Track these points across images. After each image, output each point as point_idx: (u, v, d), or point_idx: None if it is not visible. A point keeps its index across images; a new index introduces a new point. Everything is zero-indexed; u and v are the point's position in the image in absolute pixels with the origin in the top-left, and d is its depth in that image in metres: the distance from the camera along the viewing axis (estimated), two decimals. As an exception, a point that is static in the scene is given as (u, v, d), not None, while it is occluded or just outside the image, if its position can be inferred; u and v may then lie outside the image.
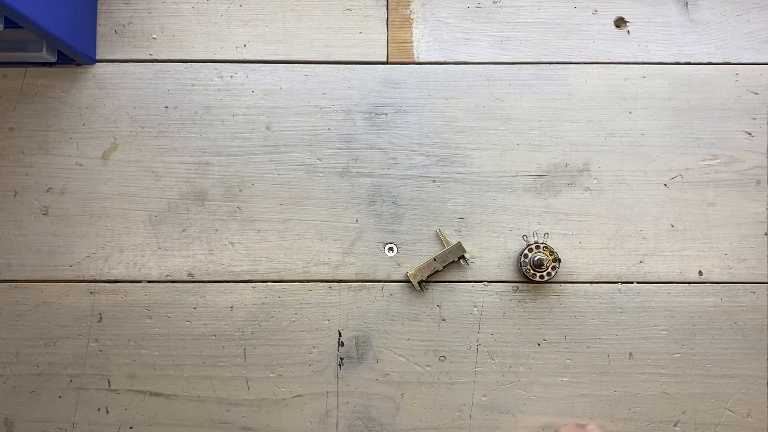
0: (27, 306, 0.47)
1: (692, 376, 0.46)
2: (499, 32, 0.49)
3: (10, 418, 0.46)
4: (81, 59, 0.47)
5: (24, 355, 0.47)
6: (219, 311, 0.47)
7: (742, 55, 0.48)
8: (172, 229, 0.47)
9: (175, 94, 0.48)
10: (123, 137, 0.48)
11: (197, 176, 0.48)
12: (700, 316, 0.47)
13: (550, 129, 0.48)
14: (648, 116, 0.48)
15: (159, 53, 0.48)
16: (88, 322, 0.47)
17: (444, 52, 0.48)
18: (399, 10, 0.49)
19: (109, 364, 0.47)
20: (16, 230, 0.47)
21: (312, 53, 0.48)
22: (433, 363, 0.46)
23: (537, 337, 0.47)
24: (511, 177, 0.48)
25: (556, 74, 0.48)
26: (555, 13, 0.49)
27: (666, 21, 0.49)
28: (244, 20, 0.49)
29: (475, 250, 0.47)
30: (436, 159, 0.48)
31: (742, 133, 0.48)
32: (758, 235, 0.47)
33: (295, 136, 0.48)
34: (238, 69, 0.48)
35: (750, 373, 0.46)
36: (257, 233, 0.47)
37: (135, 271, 0.47)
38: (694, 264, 0.47)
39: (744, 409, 0.46)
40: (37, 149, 0.48)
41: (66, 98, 0.48)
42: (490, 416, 0.46)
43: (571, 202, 0.47)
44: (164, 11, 0.49)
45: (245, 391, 0.46)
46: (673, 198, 0.47)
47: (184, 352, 0.47)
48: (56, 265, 0.47)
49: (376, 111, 0.48)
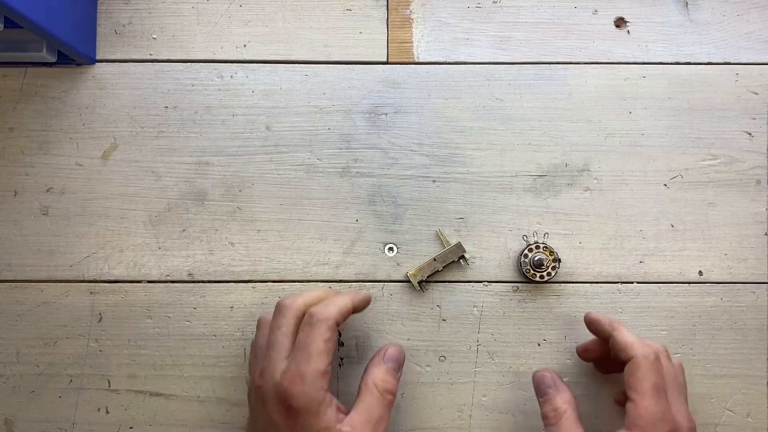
0: (27, 306, 0.47)
1: (692, 376, 0.46)
2: (499, 32, 0.49)
3: (10, 418, 0.46)
4: (81, 59, 0.47)
5: (24, 355, 0.47)
6: (219, 311, 0.47)
7: (742, 55, 0.48)
8: (172, 229, 0.47)
9: (175, 94, 0.48)
10: (123, 137, 0.48)
11: (197, 176, 0.48)
12: (700, 316, 0.47)
13: (550, 129, 0.48)
14: (648, 116, 0.48)
15: (159, 53, 0.48)
16: (88, 322, 0.47)
17: (444, 52, 0.48)
18: (399, 10, 0.49)
19: (109, 364, 0.47)
20: (16, 230, 0.47)
21: (312, 53, 0.48)
22: (433, 363, 0.46)
23: (537, 337, 0.47)
24: (511, 177, 0.48)
25: (556, 74, 0.48)
26: (555, 13, 0.49)
27: (666, 21, 0.49)
28: (244, 20, 0.49)
29: (475, 250, 0.47)
30: (436, 159, 0.48)
31: (742, 133, 0.48)
32: (758, 235, 0.47)
33: (295, 136, 0.48)
34: (238, 69, 0.48)
35: (750, 373, 0.46)
36: (257, 233, 0.47)
37: (135, 271, 0.47)
38: (694, 264, 0.47)
39: (744, 409, 0.46)
40: (37, 149, 0.48)
41: (66, 98, 0.48)
42: (490, 416, 0.46)
43: (571, 202, 0.48)
44: (164, 11, 0.49)
45: (245, 391, 0.46)
46: (673, 198, 0.47)
47: (184, 352, 0.47)
48: (56, 265, 0.47)
49: (376, 111, 0.48)
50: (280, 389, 0.37)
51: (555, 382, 0.42)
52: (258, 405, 0.39)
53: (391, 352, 0.41)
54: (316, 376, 0.37)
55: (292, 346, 0.39)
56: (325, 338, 0.38)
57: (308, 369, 0.37)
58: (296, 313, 0.40)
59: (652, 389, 0.38)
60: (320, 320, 0.38)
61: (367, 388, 0.39)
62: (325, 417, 0.37)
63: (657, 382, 0.39)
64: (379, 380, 0.39)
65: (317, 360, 0.37)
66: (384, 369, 0.40)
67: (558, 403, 0.40)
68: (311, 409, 0.37)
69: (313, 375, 0.37)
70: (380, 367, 0.40)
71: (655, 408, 0.38)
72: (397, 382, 0.40)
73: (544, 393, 0.42)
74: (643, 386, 0.39)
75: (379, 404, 0.39)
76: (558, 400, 0.41)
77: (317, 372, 0.37)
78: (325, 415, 0.37)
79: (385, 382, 0.39)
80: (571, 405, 0.40)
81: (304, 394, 0.36)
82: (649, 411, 0.38)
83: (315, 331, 0.38)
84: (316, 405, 0.37)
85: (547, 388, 0.42)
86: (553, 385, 0.42)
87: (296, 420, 0.37)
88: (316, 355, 0.37)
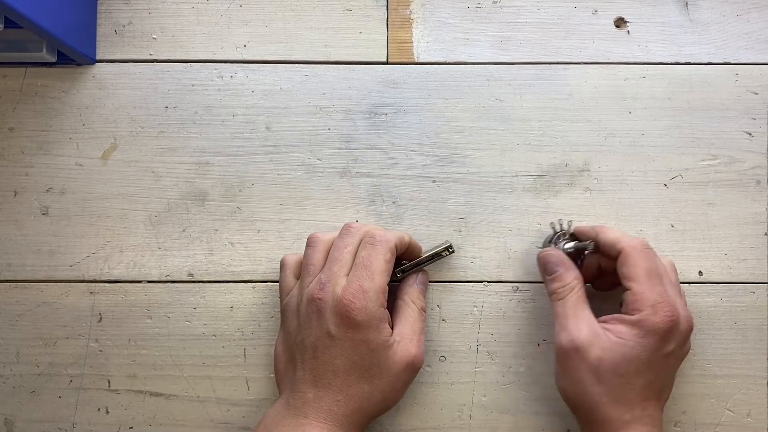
0: (27, 306, 0.47)
1: (692, 376, 0.46)
2: (499, 32, 0.49)
3: (10, 418, 0.46)
4: (81, 59, 0.47)
5: (24, 355, 0.47)
6: (219, 311, 0.47)
7: (742, 55, 0.48)
8: (172, 229, 0.47)
9: (175, 94, 0.48)
10: (123, 137, 0.48)
11: (197, 176, 0.48)
12: (700, 316, 0.47)
13: (550, 129, 0.48)
14: (648, 116, 0.48)
15: (159, 53, 0.48)
16: (88, 322, 0.47)
17: (444, 52, 0.48)
18: (399, 10, 0.49)
19: (109, 364, 0.47)
20: (16, 230, 0.47)
21: (312, 53, 0.48)
22: (433, 363, 0.46)
23: (537, 337, 0.47)
24: (511, 177, 0.48)
25: (556, 74, 0.48)
26: (555, 13, 0.49)
27: (666, 21, 0.49)
28: (244, 20, 0.49)
29: (475, 250, 0.47)
30: (436, 159, 0.48)
31: (742, 133, 0.48)
32: (758, 235, 0.47)
33: (295, 136, 0.48)
34: (238, 69, 0.48)
35: (750, 373, 0.46)
36: (257, 233, 0.47)
37: (135, 271, 0.47)
38: (694, 264, 0.47)
39: (744, 409, 0.46)
40: (37, 149, 0.48)
41: (66, 98, 0.48)
42: (490, 416, 0.46)
43: (571, 202, 0.48)
44: (164, 11, 0.49)
45: (245, 391, 0.46)
46: (673, 198, 0.47)
47: (184, 352, 0.47)
48: (56, 265, 0.47)
49: (376, 111, 0.48)
50: (341, 303, 0.39)
51: (563, 261, 0.43)
52: (312, 317, 0.40)
53: (421, 276, 0.45)
54: (378, 292, 0.40)
55: (351, 266, 0.41)
56: (386, 258, 0.40)
57: (371, 286, 0.39)
58: (362, 235, 0.42)
59: (646, 274, 0.39)
60: (382, 241, 0.41)
61: (407, 305, 0.43)
62: (384, 331, 0.40)
63: (650, 266, 0.40)
64: (416, 298, 0.43)
65: (379, 277, 0.40)
66: (417, 289, 0.44)
67: (568, 279, 0.42)
68: (372, 324, 0.39)
69: (376, 291, 0.39)
70: (414, 287, 0.44)
71: (651, 291, 0.39)
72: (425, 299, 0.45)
73: (552, 271, 0.42)
74: (636, 272, 0.40)
75: (419, 318, 0.43)
76: (568, 276, 0.42)
77: (379, 288, 0.40)
78: (383, 330, 0.40)
79: (420, 300, 0.44)
80: (580, 281, 0.42)
81: (366, 309, 0.39)
82: (646, 294, 0.39)
83: (377, 250, 0.40)
84: (376, 321, 0.39)
85: (555, 266, 0.42)
86: (561, 264, 0.42)
87: (355, 332, 0.39)
88: (378, 272, 0.40)
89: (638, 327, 0.39)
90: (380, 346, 0.40)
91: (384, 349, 0.40)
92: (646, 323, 0.38)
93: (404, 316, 0.42)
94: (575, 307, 0.41)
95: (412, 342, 0.41)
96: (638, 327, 0.39)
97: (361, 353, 0.39)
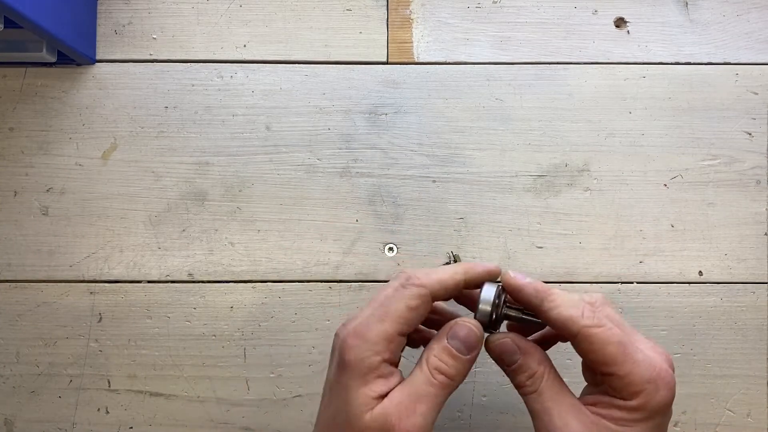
0: (27, 306, 0.47)
1: (692, 376, 0.46)
2: (499, 32, 0.49)
3: (10, 418, 0.46)
4: (81, 59, 0.47)
5: (24, 355, 0.47)
6: (219, 311, 0.47)
7: (742, 55, 0.48)
8: (172, 229, 0.47)
9: (175, 94, 0.48)
10: (123, 137, 0.48)
11: (197, 176, 0.48)
12: (700, 316, 0.47)
13: (550, 129, 0.48)
14: (648, 116, 0.48)
15: (159, 53, 0.48)
16: (88, 322, 0.47)
17: (444, 52, 0.48)
18: (399, 10, 0.49)
19: (109, 364, 0.47)
20: (16, 230, 0.47)
21: (312, 53, 0.48)
22: (433, 363, 0.46)
23: (537, 337, 0.47)
24: (511, 177, 0.48)
25: (556, 74, 0.48)
26: (555, 13, 0.49)
27: (666, 21, 0.49)
28: (244, 20, 0.49)
29: (475, 250, 0.47)
30: (436, 159, 0.48)
31: (742, 133, 0.48)
32: (758, 235, 0.47)
33: (295, 136, 0.48)
34: (238, 69, 0.48)
35: (750, 373, 0.46)
36: (257, 233, 0.47)
37: (135, 271, 0.47)
38: (694, 264, 0.47)
39: (744, 409, 0.46)
40: (37, 149, 0.48)
41: (66, 98, 0.48)
42: (490, 416, 0.46)
43: (571, 202, 0.48)
44: (164, 11, 0.49)
45: (245, 391, 0.46)
46: (673, 198, 0.47)
47: (184, 352, 0.47)
48: (56, 265, 0.47)
49: (376, 111, 0.48)
50: (340, 338, 0.33)
51: (520, 345, 0.35)
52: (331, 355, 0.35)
53: (457, 329, 0.34)
54: (379, 337, 0.32)
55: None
56: (410, 304, 0.33)
57: (376, 328, 0.32)
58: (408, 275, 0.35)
59: (622, 351, 0.33)
60: (414, 284, 0.34)
61: (419, 363, 0.34)
62: (372, 386, 0.32)
63: (620, 338, 0.33)
64: (432, 356, 0.34)
65: (390, 322, 0.33)
66: (442, 346, 0.34)
67: (533, 366, 0.34)
68: (359, 371, 0.32)
69: (378, 335, 0.32)
70: (440, 343, 0.34)
71: (637, 366, 0.32)
72: (458, 364, 0.34)
73: (511, 361, 0.35)
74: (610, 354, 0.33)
75: (426, 383, 0.33)
76: (532, 362, 0.34)
77: (383, 333, 0.32)
78: (369, 385, 0.32)
79: (439, 360, 0.33)
80: (546, 365, 0.35)
81: (358, 349, 0.32)
82: (635, 374, 0.32)
83: (403, 293, 0.33)
84: (365, 369, 0.32)
85: (512, 355, 0.35)
86: (518, 350, 0.35)
87: (341, 375, 0.33)
88: (392, 317, 0.33)
89: (641, 410, 0.32)
90: (358, 404, 0.32)
91: (359, 414, 0.32)
92: (650, 405, 0.32)
93: (409, 377, 0.33)
94: (554, 399, 0.33)
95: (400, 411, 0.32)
96: (641, 410, 0.32)
97: (338, 406, 0.32)
